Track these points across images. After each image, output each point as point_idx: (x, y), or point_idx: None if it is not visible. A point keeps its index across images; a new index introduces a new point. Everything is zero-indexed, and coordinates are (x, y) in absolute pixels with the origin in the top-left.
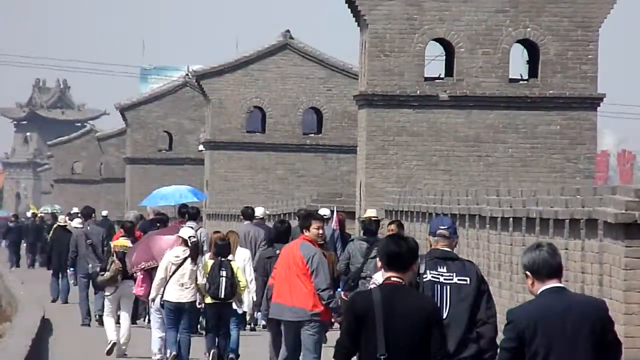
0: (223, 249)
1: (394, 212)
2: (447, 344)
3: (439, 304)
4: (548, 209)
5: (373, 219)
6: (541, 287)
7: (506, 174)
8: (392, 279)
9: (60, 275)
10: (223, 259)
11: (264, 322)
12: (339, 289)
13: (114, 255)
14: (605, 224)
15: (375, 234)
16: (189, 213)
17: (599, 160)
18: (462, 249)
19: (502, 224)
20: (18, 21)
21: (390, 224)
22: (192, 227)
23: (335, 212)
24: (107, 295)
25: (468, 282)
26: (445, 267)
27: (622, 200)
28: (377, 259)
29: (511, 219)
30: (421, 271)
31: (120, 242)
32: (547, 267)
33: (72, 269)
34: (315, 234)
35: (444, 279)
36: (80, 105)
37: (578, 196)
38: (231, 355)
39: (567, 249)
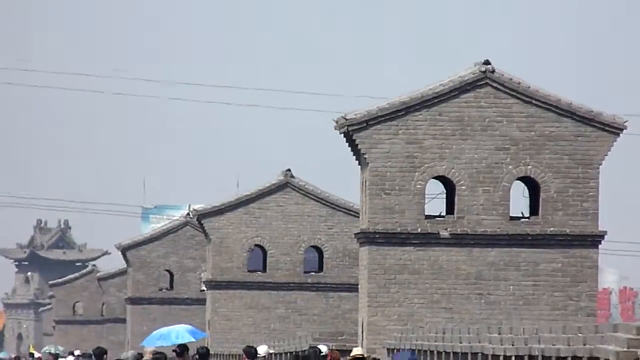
0: None
1: (395, 350)
2: None
3: None
4: (550, 347)
5: (358, 356)
6: None
7: (508, 312)
8: None
9: None
10: None
11: None
12: None
13: None
14: None
15: None
16: (200, 354)
17: (600, 297)
18: None
19: None
20: (19, 162)
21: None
22: None
23: (329, 350)
24: None
25: None
26: None
27: (624, 337)
28: None
29: (513, 357)
30: None
31: None
32: None
33: None
34: None
35: None
36: (81, 245)
37: (580, 334)
38: None
39: None
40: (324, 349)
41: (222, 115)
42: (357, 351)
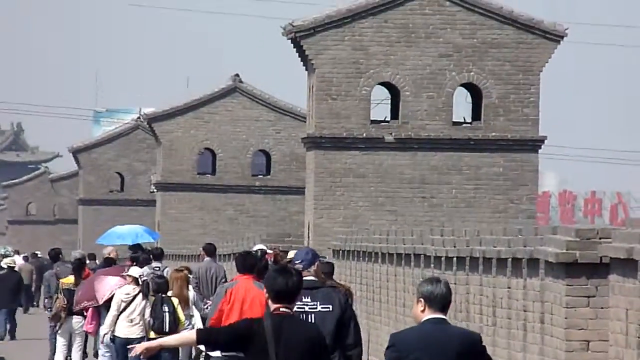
0: (161, 286)
1: (341, 251)
2: None
3: None
4: (491, 249)
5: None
6: (428, 316)
7: (450, 215)
8: (281, 309)
9: (7, 314)
10: (163, 296)
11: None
12: None
13: (61, 292)
14: (547, 263)
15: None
16: (153, 254)
17: (540, 200)
18: (407, 287)
19: (446, 263)
20: None
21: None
22: (158, 267)
23: (271, 250)
24: (58, 332)
25: (331, 309)
26: (309, 297)
27: (563, 240)
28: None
29: (455, 258)
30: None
31: (68, 279)
32: (442, 300)
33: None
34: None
35: (309, 308)
36: (34, 148)
37: (520, 236)
38: None
39: (509, 287)
40: (262, 247)
41: (175, 21)
42: (292, 254)
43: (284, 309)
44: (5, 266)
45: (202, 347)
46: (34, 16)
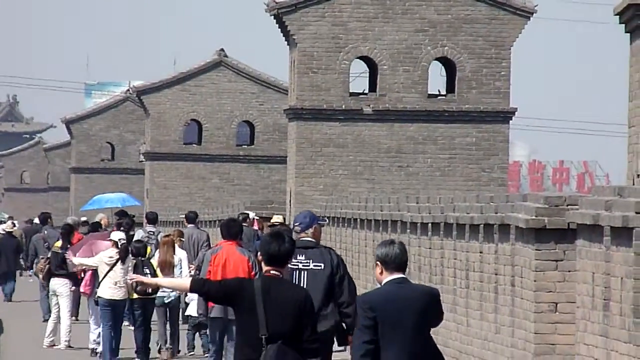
0: (140, 250)
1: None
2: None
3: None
4: (464, 215)
5: (276, 223)
6: (388, 277)
7: (426, 183)
8: (271, 272)
9: (5, 277)
10: (143, 259)
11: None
12: None
13: (49, 258)
14: (517, 228)
15: None
16: (148, 218)
17: (511, 170)
18: None
19: (422, 229)
20: None
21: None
22: (152, 231)
23: (256, 218)
24: (48, 290)
25: (322, 268)
26: (303, 256)
27: (532, 206)
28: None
29: (430, 224)
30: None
31: (57, 243)
32: (397, 260)
33: (31, 270)
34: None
35: (302, 266)
36: (28, 119)
37: (492, 203)
38: (169, 346)
39: (481, 252)
40: (252, 215)
41: None
42: (276, 218)
43: (274, 272)
44: (3, 231)
45: (191, 313)
46: None
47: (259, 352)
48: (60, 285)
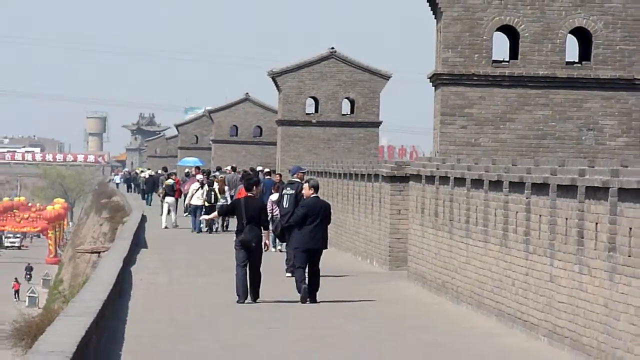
0: (210, 184)
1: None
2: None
3: (285, 204)
4: (361, 165)
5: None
6: (313, 194)
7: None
8: (248, 194)
9: (147, 198)
10: (211, 187)
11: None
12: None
13: (164, 187)
14: (382, 177)
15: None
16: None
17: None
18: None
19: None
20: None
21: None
22: (215, 176)
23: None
24: (163, 202)
25: (293, 193)
26: (290, 188)
27: (389, 165)
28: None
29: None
30: (284, 189)
31: (167, 182)
32: (316, 187)
33: (159, 194)
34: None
35: (288, 193)
36: (159, 124)
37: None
38: None
39: (365, 188)
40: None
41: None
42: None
43: (250, 194)
44: (147, 175)
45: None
46: None
47: (242, 228)
48: (170, 200)
